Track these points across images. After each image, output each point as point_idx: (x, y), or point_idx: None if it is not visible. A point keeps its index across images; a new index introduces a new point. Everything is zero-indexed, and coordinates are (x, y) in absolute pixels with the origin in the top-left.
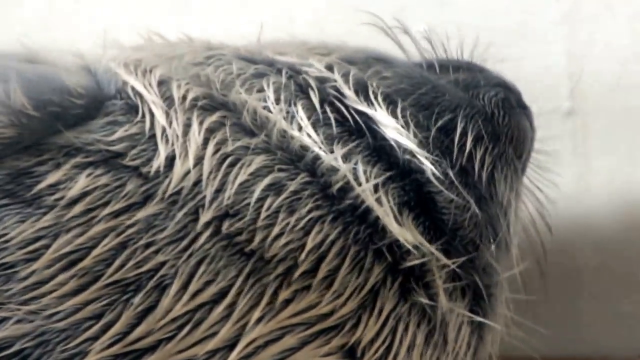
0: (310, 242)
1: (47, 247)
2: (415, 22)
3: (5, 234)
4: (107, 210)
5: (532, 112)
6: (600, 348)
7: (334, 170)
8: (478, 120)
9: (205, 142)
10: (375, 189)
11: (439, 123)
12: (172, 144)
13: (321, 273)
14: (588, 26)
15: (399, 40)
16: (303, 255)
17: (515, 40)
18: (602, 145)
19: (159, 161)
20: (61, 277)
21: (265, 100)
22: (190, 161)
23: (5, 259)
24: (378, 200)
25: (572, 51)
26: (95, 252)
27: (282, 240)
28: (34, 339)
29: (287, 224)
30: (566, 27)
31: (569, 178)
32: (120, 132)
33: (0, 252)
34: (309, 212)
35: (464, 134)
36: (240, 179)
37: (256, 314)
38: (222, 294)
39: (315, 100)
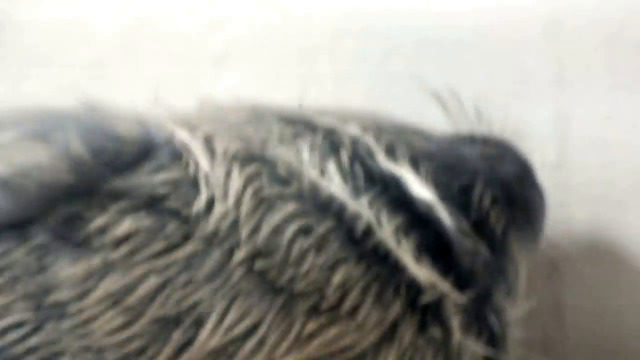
0: (335, 280)
1: (96, 286)
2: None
3: (59, 275)
4: (149, 251)
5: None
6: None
7: (359, 217)
8: (495, 186)
9: (244, 188)
10: (396, 234)
11: (458, 183)
12: (213, 189)
13: (345, 308)
14: (572, 89)
15: (446, 107)
16: (329, 292)
17: (510, 100)
18: (582, 193)
19: (200, 203)
20: (109, 315)
21: (299, 155)
22: (229, 204)
23: (59, 297)
24: (398, 244)
25: (559, 111)
26: (138, 291)
27: (310, 278)
28: None
29: (315, 263)
30: (553, 89)
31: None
32: (164, 176)
33: (55, 291)
34: (335, 253)
35: (481, 194)
36: (273, 222)
37: (284, 346)
38: (254, 328)
39: (346, 157)
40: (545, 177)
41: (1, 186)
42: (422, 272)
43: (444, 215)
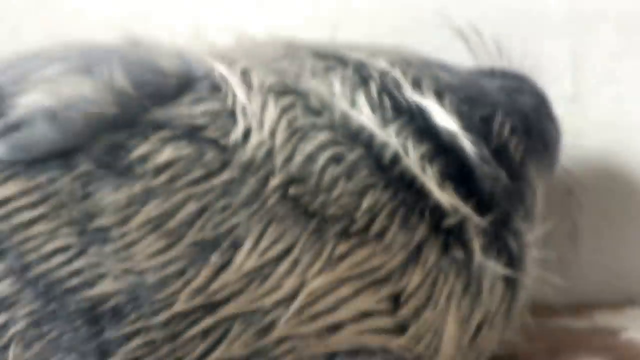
0: (364, 205)
1: (137, 211)
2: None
3: (102, 201)
4: (189, 178)
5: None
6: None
7: (387, 145)
8: (514, 117)
9: (279, 118)
10: (422, 161)
11: (480, 114)
12: (250, 119)
13: (373, 231)
14: (586, 27)
15: (470, 43)
16: (358, 216)
17: (529, 38)
18: (595, 124)
19: (237, 133)
20: (150, 239)
21: (331, 87)
22: (265, 133)
23: (102, 222)
24: (423, 170)
25: (573, 47)
26: (178, 216)
27: (341, 203)
28: (127, 294)
29: (345, 189)
30: (569, 27)
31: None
32: (203, 107)
33: (98, 216)
34: (364, 180)
35: (500, 124)
36: (306, 150)
37: (316, 267)
38: (288, 250)
39: (375, 89)
40: (560, 108)
41: (48, 117)
42: (445, 197)
43: (466, 144)
